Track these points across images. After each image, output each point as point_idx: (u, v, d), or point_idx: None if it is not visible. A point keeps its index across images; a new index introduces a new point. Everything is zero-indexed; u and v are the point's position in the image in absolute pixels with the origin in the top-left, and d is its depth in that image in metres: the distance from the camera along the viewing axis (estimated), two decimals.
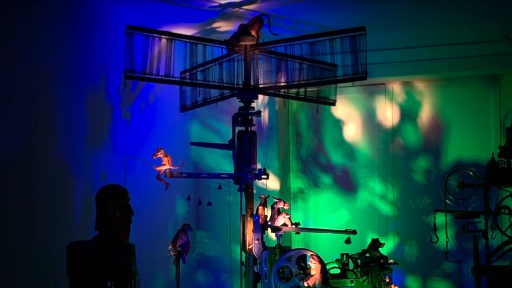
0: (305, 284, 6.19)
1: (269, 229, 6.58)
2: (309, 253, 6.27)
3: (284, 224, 6.58)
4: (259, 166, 6.68)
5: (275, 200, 6.63)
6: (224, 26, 7.65)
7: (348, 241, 6.46)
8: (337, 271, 6.52)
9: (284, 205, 6.62)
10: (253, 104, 6.66)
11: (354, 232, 6.51)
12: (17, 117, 5.65)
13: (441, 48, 8.24)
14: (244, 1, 6.92)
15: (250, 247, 6.49)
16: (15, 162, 5.60)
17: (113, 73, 7.04)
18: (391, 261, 6.52)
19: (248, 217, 6.55)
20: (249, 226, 6.50)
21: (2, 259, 5.44)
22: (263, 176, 6.64)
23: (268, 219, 6.58)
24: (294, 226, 6.65)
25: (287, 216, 6.61)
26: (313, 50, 6.39)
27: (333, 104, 7.12)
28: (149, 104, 7.87)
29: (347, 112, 9.22)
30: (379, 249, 6.52)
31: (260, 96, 7.49)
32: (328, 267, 6.40)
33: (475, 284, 7.26)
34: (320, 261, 6.26)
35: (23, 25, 5.74)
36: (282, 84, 6.65)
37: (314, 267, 6.23)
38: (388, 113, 9.06)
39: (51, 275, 5.96)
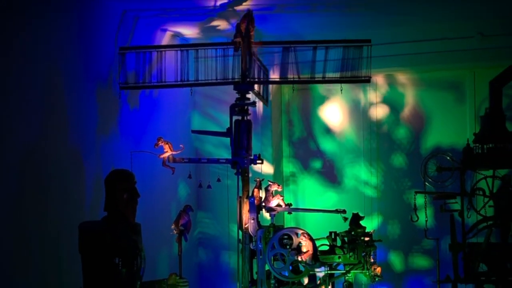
0: (299, 259, 6.20)
1: (264, 210, 6.59)
2: (300, 231, 6.28)
3: (278, 205, 6.58)
4: (254, 152, 6.68)
5: (269, 183, 6.63)
6: (223, 25, 7.63)
7: (345, 219, 6.46)
8: (326, 248, 6.52)
9: (277, 188, 6.63)
10: (249, 95, 6.65)
11: (344, 211, 6.51)
12: (33, 108, 5.63)
13: (421, 44, 8.24)
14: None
15: (246, 226, 6.49)
16: (31, 150, 5.59)
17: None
18: (372, 231, 6.53)
19: (244, 198, 6.54)
20: (245, 207, 6.50)
21: (20, 237, 5.44)
22: (258, 161, 6.63)
23: (262, 200, 6.58)
24: (286, 207, 6.66)
25: (280, 198, 6.61)
26: None
27: (368, 81, 6.60)
28: (153, 96, 7.86)
29: (335, 102, 9.22)
30: (360, 222, 6.50)
31: (256, 88, 7.47)
32: (317, 243, 6.40)
33: (452, 260, 7.29)
34: (311, 238, 6.26)
35: (38, 25, 5.72)
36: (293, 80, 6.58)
37: (305, 244, 6.23)
38: (372, 103, 9.07)
39: (64, 252, 5.96)
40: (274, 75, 7.03)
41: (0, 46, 5.25)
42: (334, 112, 9.25)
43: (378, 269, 6.44)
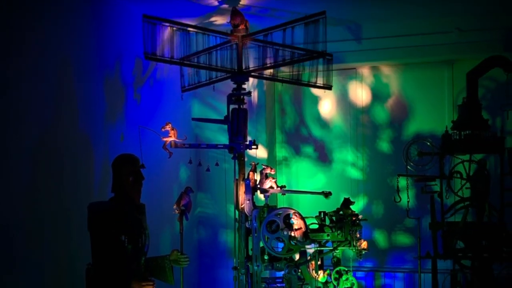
0: (292, 234, 6.21)
1: (258, 191, 6.59)
2: (291, 211, 6.28)
3: (271, 187, 6.59)
4: (249, 138, 6.68)
5: (264, 166, 6.64)
6: (220, 20, 7.60)
7: (327, 196, 6.48)
8: (316, 226, 6.53)
9: (271, 171, 6.63)
10: (245, 86, 6.64)
11: (329, 193, 6.52)
12: (46, 97, 5.63)
13: (404, 38, 8.22)
14: None
15: (242, 206, 6.50)
16: (44, 135, 5.58)
17: (126, 59, 7.01)
18: (360, 216, 6.54)
19: (240, 181, 6.55)
20: (242, 189, 6.50)
21: (32, 216, 5.44)
22: (253, 147, 6.63)
23: (257, 182, 6.59)
24: (279, 189, 6.66)
25: (274, 180, 6.62)
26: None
27: (324, 55, 6.56)
28: (157, 86, 7.84)
29: (324, 92, 9.20)
30: (350, 206, 6.52)
31: (251, 79, 7.46)
32: (308, 222, 6.41)
33: (432, 237, 7.32)
34: (302, 218, 6.27)
35: (51, 21, 5.71)
36: (267, 65, 6.58)
37: (297, 222, 6.24)
38: (358, 93, 9.06)
39: (74, 230, 5.96)
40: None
41: (22, 43, 5.29)
42: (323, 102, 9.24)
43: (364, 243, 6.45)
